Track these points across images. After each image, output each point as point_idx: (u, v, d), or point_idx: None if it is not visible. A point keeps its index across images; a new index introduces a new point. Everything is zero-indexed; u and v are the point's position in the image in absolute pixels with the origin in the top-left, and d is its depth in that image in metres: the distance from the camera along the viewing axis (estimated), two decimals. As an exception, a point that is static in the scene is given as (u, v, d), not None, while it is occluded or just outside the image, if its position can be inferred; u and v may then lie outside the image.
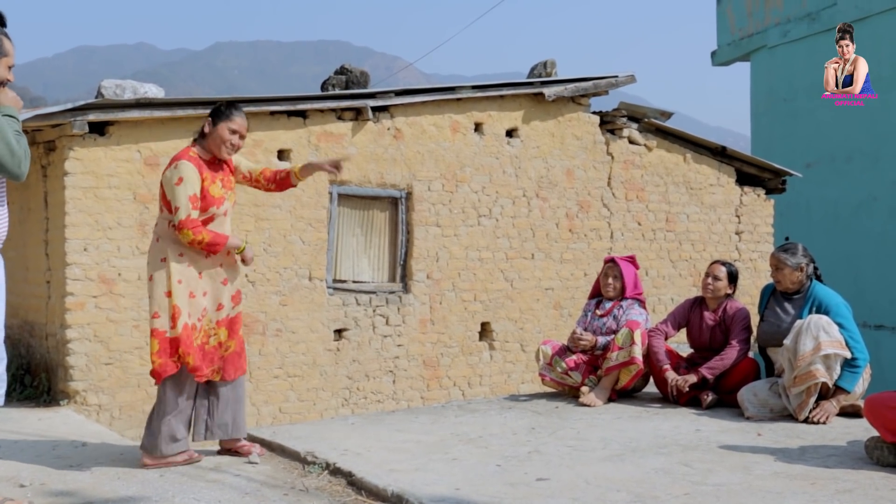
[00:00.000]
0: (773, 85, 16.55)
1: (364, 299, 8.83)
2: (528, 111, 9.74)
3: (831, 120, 15.18)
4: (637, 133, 10.43)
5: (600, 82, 10.03)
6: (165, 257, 4.58)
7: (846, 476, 4.04)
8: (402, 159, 9.00)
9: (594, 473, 4.14)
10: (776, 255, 5.67)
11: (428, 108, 9.16)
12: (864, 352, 5.33)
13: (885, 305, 13.76)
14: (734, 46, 17.54)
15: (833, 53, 15.44)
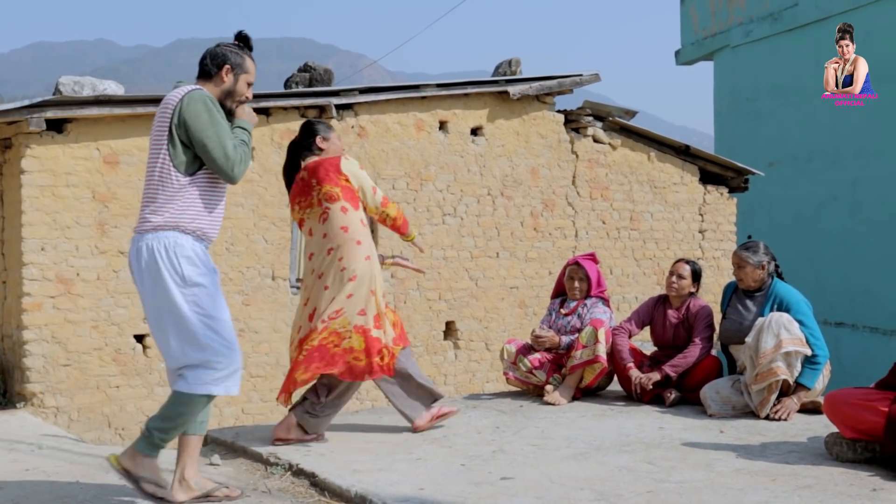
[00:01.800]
0: (736, 84, 16.71)
1: (328, 298, 8.78)
2: (492, 110, 9.74)
3: (793, 120, 15.35)
4: (601, 132, 10.47)
5: (565, 81, 10.06)
6: (369, 256, 4.83)
7: (806, 472, 4.07)
8: (367, 157, 8.96)
9: (558, 472, 4.13)
10: (738, 253, 5.70)
11: (392, 106, 9.13)
12: (824, 349, 5.38)
13: (844, 303, 13.94)
14: (698, 46, 17.68)
15: (794, 53, 15.66)
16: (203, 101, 3.70)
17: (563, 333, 6.19)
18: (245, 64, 3.89)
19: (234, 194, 8.31)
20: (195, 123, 3.66)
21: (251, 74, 3.92)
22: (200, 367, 3.69)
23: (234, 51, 3.89)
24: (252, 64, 3.94)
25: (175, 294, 3.66)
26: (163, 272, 3.66)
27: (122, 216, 7.79)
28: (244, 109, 3.94)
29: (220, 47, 3.90)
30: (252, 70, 3.93)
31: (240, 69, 3.87)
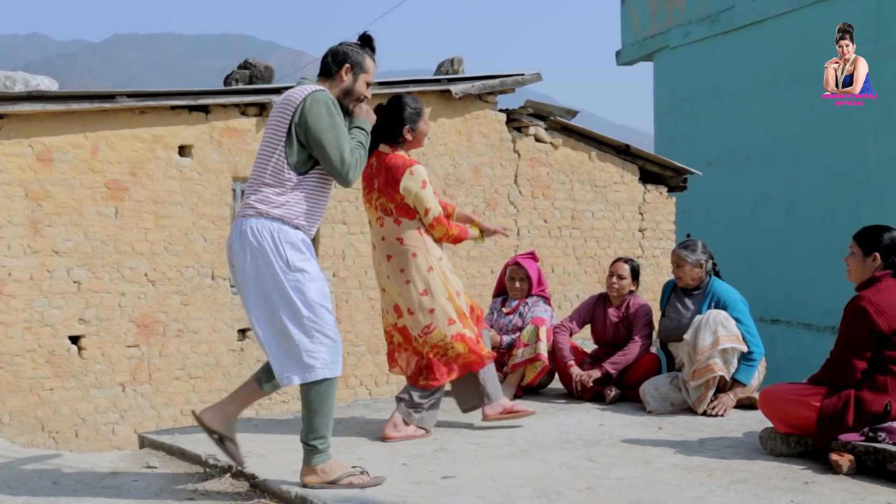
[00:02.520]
0: (675, 85, 16.95)
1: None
2: (435, 108, 9.74)
3: (731, 120, 15.63)
4: (543, 131, 10.53)
5: (507, 80, 10.10)
6: (431, 266, 4.77)
7: (742, 466, 4.14)
8: (308, 156, 8.90)
9: (499, 470, 4.15)
10: (677, 252, 5.78)
11: (334, 104, 9.07)
12: (759, 346, 5.48)
13: (780, 301, 14.24)
14: (638, 46, 17.90)
15: (731, 54, 15.93)
16: (325, 102, 3.76)
17: (504, 332, 6.21)
18: (365, 63, 3.95)
19: (172, 192, 8.19)
20: (316, 125, 3.71)
21: (370, 74, 3.99)
22: (315, 352, 3.73)
23: (356, 50, 3.96)
24: (372, 63, 3.99)
25: (280, 279, 3.70)
26: (269, 255, 3.70)
27: (56, 215, 7.63)
28: (362, 108, 3.99)
29: (342, 46, 3.98)
30: (372, 70, 3.99)
31: (359, 68, 3.94)
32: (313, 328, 3.73)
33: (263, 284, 3.73)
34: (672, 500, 3.62)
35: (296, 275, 3.72)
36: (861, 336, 4.12)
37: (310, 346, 3.72)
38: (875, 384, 4.09)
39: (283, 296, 3.71)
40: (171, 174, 8.20)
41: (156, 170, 8.12)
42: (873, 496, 3.66)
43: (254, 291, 3.77)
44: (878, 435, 3.98)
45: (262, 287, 3.73)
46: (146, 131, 8.07)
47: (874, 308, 4.12)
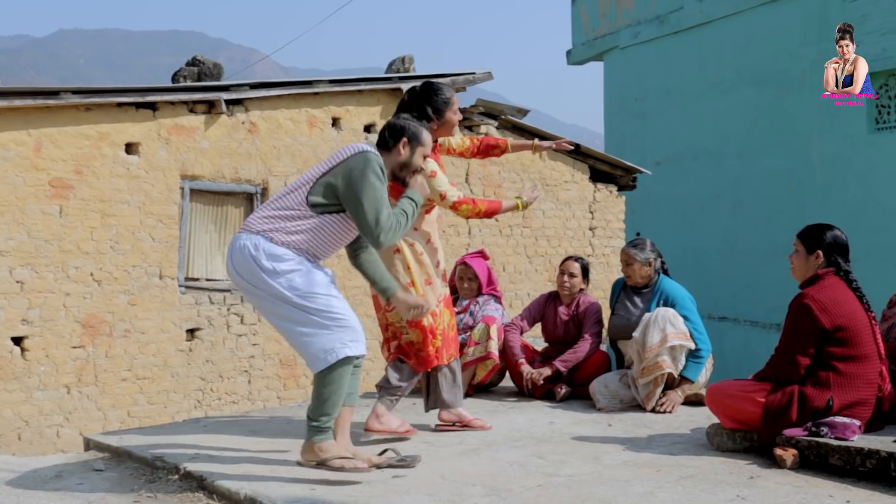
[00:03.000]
0: (625, 85, 17.10)
1: (218, 298, 8.61)
2: (386, 106, 9.72)
3: (679, 120, 15.82)
4: (495, 130, 10.56)
5: (458, 79, 10.11)
6: (398, 247, 4.63)
7: (689, 462, 4.19)
8: (258, 154, 8.82)
9: (450, 468, 4.15)
10: (626, 250, 5.83)
11: (284, 101, 9.01)
12: (707, 343, 5.55)
13: (727, 298, 14.44)
14: (588, 46, 18.02)
15: (680, 55, 16.11)
16: (375, 162, 3.83)
17: (455, 331, 6.21)
18: (422, 137, 4.05)
19: (119, 191, 8.07)
20: (358, 180, 3.78)
21: (428, 147, 4.08)
22: (323, 339, 3.79)
23: (413, 124, 4.06)
24: (429, 136, 4.10)
25: (272, 285, 3.80)
26: (254, 266, 3.82)
27: (-1, 213, 7.48)
28: (417, 180, 4.08)
29: (401, 119, 4.08)
30: (429, 143, 4.09)
31: (416, 142, 4.03)
32: (319, 317, 3.80)
33: (263, 297, 3.86)
34: (621, 497, 3.65)
35: (284, 276, 3.80)
36: (804, 333, 4.19)
37: (322, 334, 3.81)
38: (818, 380, 4.17)
39: (281, 299, 3.82)
40: (118, 172, 8.07)
41: (102, 167, 7.99)
42: (815, 489, 3.73)
43: (261, 304, 3.92)
44: (821, 430, 4.05)
45: (264, 299, 3.87)
46: (92, 128, 7.93)
47: (817, 305, 4.19)
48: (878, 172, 12.62)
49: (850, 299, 4.27)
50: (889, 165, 12.47)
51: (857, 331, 4.19)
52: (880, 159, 12.62)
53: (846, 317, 4.19)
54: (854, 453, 3.87)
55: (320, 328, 3.82)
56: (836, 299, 4.23)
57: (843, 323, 4.17)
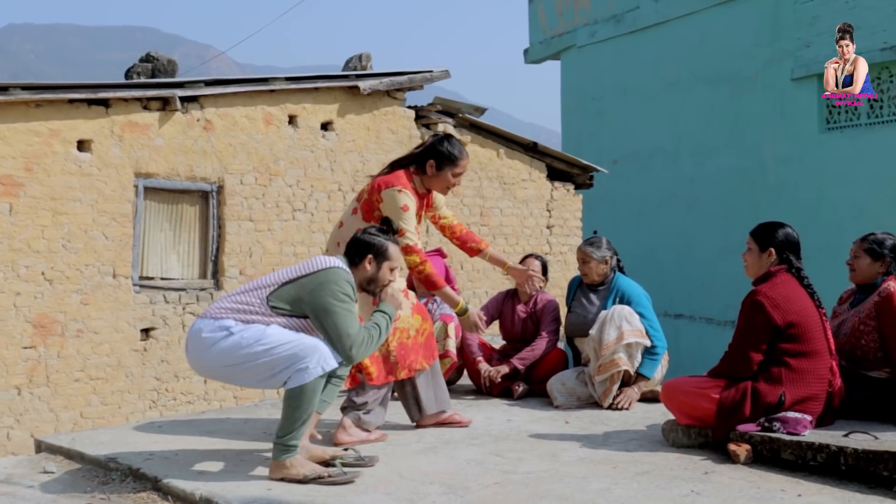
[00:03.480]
0: (582, 83, 17.19)
1: (173, 297, 8.51)
2: (343, 104, 9.68)
3: (636, 119, 15.95)
4: (452, 128, 10.57)
5: (415, 77, 10.10)
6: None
7: (645, 458, 4.23)
8: (213, 152, 8.73)
9: (408, 467, 4.14)
10: (583, 248, 5.87)
11: (240, 99, 8.93)
12: (662, 340, 5.60)
13: (683, 296, 14.59)
14: (545, 45, 18.10)
15: (636, 54, 16.24)
16: (344, 280, 3.93)
17: (413, 329, 6.20)
18: (388, 252, 4.13)
19: (71, 188, 7.94)
20: (328, 296, 3.87)
21: (394, 261, 4.15)
22: (288, 371, 3.85)
23: (378, 239, 4.12)
24: (397, 249, 4.19)
25: (222, 348, 3.88)
26: (204, 343, 3.92)
27: (-53, 211, 7.32)
28: (387, 293, 4.17)
29: (365, 235, 4.14)
30: (395, 257, 4.16)
31: (382, 258, 4.11)
32: (278, 350, 3.84)
33: (224, 367, 3.93)
34: (577, 493, 3.67)
35: (231, 337, 3.88)
36: (757, 329, 4.25)
37: (285, 362, 3.84)
38: (770, 376, 4.23)
39: (237, 357, 3.87)
40: (70, 169, 7.95)
41: (53, 165, 7.86)
42: (768, 484, 3.78)
43: (228, 375, 4.00)
44: (774, 425, 4.11)
45: (227, 367, 3.92)
46: (42, 125, 7.80)
47: (770, 302, 4.25)
48: (829, 172, 12.83)
49: (801, 296, 4.33)
50: (839, 165, 12.69)
51: (808, 327, 4.25)
52: (831, 159, 12.83)
53: (798, 313, 4.25)
54: (805, 448, 3.93)
55: (282, 359, 3.85)
56: (789, 296, 4.29)
57: (795, 319, 4.23)
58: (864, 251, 4.78)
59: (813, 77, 13.06)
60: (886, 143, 12.18)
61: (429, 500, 3.63)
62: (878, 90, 12.43)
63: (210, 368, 4.00)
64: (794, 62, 13.32)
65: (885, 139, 12.22)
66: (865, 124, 12.60)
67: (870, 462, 3.72)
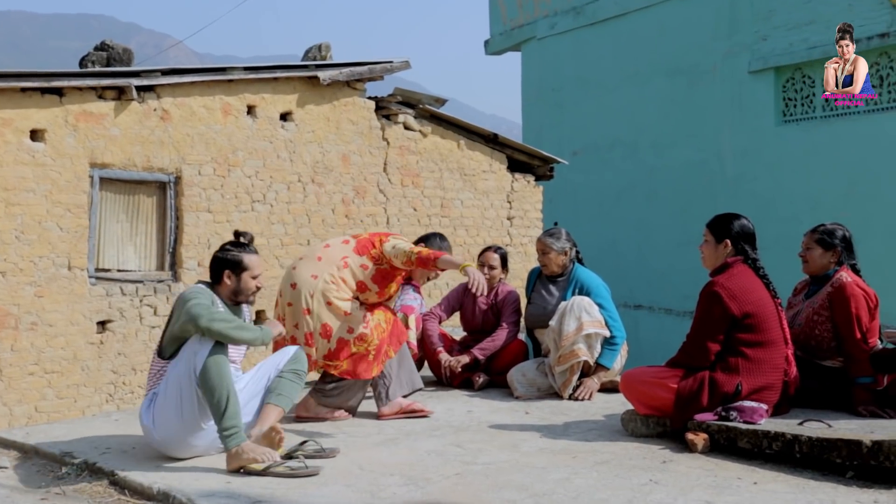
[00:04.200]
0: (543, 75, 17.24)
1: (130, 289, 8.40)
2: (302, 95, 9.61)
3: (596, 110, 16.02)
4: (412, 119, 10.54)
5: (375, 67, 10.04)
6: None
7: (604, 448, 4.26)
8: (171, 142, 8.62)
9: (368, 459, 4.13)
10: (542, 239, 5.89)
11: (197, 88, 8.82)
12: (621, 330, 5.64)
13: (643, 287, 14.71)
14: (506, 36, 18.11)
15: (596, 46, 16.31)
16: (193, 291, 4.16)
17: (374, 320, 6.19)
18: (244, 262, 4.27)
19: (24, 179, 7.80)
20: (180, 306, 4.09)
21: (254, 269, 4.29)
22: (190, 375, 4.03)
23: (232, 253, 4.28)
24: (252, 258, 4.30)
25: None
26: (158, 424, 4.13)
27: None
28: (272, 322, 4.45)
29: (219, 252, 4.30)
30: (253, 264, 4.29)
31: (239, 269, 4.26)
32: (178, 385, 4.05)
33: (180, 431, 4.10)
34: (537, 484, 3.69)
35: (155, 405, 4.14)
36: (714, 319, 4.30)
37: (184, 380, 4.04)
38: (727, 365, 4.28)
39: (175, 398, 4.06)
40: (23, 160, 7.80)
41: (5, 155, 7.71)
42: (725, 472, 3.82)
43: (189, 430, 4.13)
44: (731, 414, 4.16)
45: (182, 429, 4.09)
46: (-3, 115, 7.65)
47: (727, 293, 4.30)
48: (786, 164, 12.99)
49: (758, 287, 4.38)
50: (796, 157, 12.86)
51: (764, 317, 4.31)
52: (787, 151, 13.00)
53: (754, 304, 4.31)
54: (761, 436, 3.98)
55: (183, 372, 4.04)
56: (745, 287, 4.34)
57: (752, 310, 4.28)
58: (816, 242, 4.85)
59: (770, 70, 13.21)
60: (841, 136, 12.36)
61: (389, 492, 3.63)
62: (833, 83, 12.59)
63: (183, 436, 4.11)
64: (751, 55, 13.46)
65: (839, 132, 12.40)
66: (821, 117, 12.77)
67: (823, 450, 3.78)
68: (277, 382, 4.24)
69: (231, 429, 3.93)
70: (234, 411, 3.95)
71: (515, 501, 3.47)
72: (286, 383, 4.24)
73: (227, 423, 3.93)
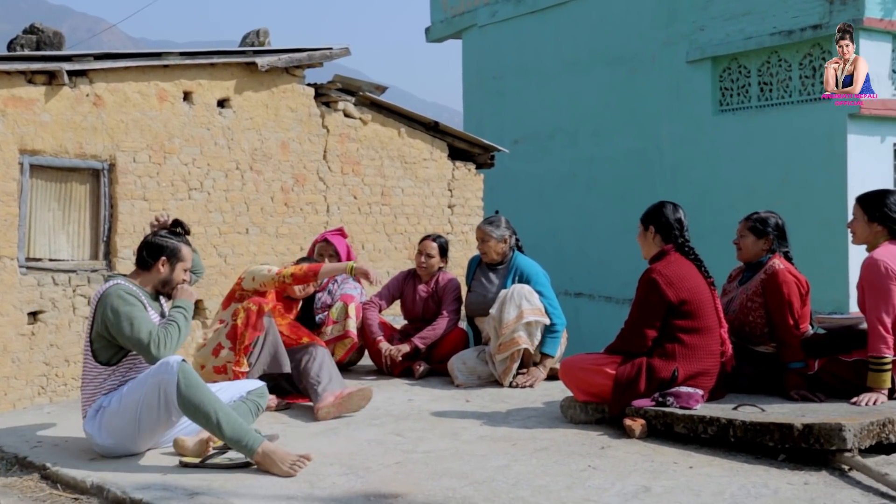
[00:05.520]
0: (484, 63, 17.25)
1: (62, 279, 8.21)
2: (240, 81, 9.47)
3: (536, 99, 16.09)
4: (352, 106, 10.46)
5: (314, 54, 9.94)
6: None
7: (544, 435, 4.29)
8: (104, 128, 8.44)
9: (307, 449, 4.09)
10: (482, 227, 5.89)
11: (132, 74, 8.64)
12: (561, 318, 5.67)
13: (583, 274, 14.85)
14: (447, 24, 18.08)
15: (536, 34, 16.36)
16: (119, 293, 3.97)
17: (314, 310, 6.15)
18: (181, 252, 4.17)
19: (-50, 166, 7.58)
20: (114, 316, 3.92)
21: (188, 261, 4.20)
22: (164, 393, 3.90)
23: (170, 240, 4.17)
24: (188, 250, 4.22)
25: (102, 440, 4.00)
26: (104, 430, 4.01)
27: None
28: (183, 290, 4.19)
29: (157, 238, 4.17)
30: (188, 257, 4.21)
31: (175, 259, 4.15)
32: (141, 402, 3.93)
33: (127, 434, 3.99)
34: (477, 471, 3.69)
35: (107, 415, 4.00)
36: (652, 306, 4.35)
37: (154, 399, 3.92)
38: (664, 351, 4.33)
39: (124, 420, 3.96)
40: (-51, 146, 7.57)
41: (-69, 141, 7.48)
42: (662, 457, 3.87)
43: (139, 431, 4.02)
44: (668, 400, 4.21)
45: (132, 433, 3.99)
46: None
47: (664, 280, 4.35)
48: (723, 153, 13.20)
49: (693, 273, 4.45)
50: (732, 146, 13.07)
51: (700, 304, 4.38)
52: (724, 140, 13.21)
53: (690, 290, 4.37)
54: (697, 421, 4.04)
55: (151, 392, 3.90)
56: (682, 274, 4.40)
57: (688, 297, 4.35)
58: (749, 230, 4.93)
59: (707, 60, 13.40)
60: (775, 126, 12.59)
61: (328, 482, 3.60)
62: (768, 73, 12.83)
63: (135, 444, 4.02)
64: (689, 45, 13.63)
65: (774, 121, 12.64)
66: (756, 107, 13.00)
67: (757, 433, 3.85)
68: (238, 405, 4.11)
69: (247, 444, 3.76)
70: (229, 422, 3.80)
71: (455, 489, 3.47)
72: (245, 409, 4.12)
73: (243, 441, 3.77)
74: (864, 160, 11.82)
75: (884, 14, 11.45)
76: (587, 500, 3.33)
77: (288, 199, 9.87)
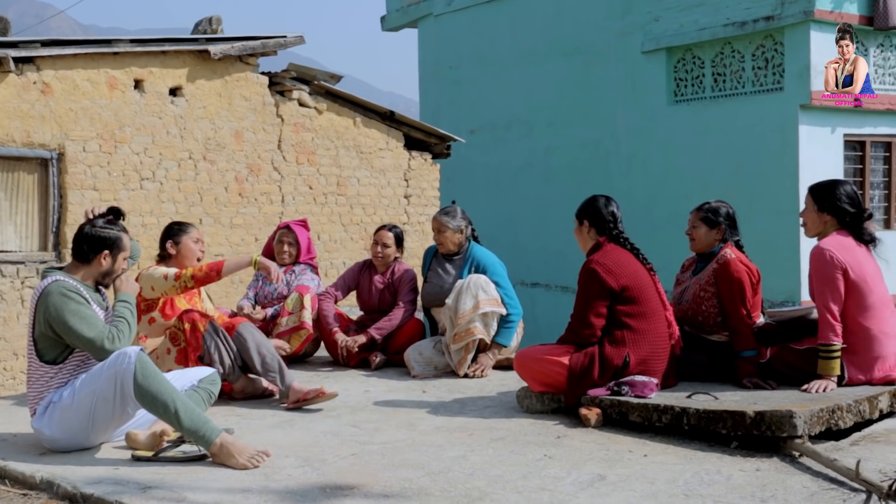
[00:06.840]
0: (440, 53, 17.20)
1: (10, 270, 8.05)
2: (192, 69, 9.34)
3: (493, 89, 16.09)
4: (307, 96, 10.38)
5: (269, 42, 9.84)
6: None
7: (500, 425, 4.29)
8: (52, 117, 8.27)
9: (263, 441, 4.06)
10: (438, 218, 5.88)
11: (81, 61, 8.48)
12: (518, 308, 5.69)
13: (540, 265, 14.91)
14: (402, 13, 17.99)
15: (493, 24, 16.35)
16: (61, 290, 3.87)
17: (269, 300, 6.10)
18: (122, 242, 4.06)
19: None
20: (58, 316, 3.83)
21: (128, 250, 4.11)
22: (120, 386, 3.82)
23: (111, 232, 4.04)
24: (127, 238, 4.11)
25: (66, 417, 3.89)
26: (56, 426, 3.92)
27: None
28: (122, 282, 4.09)
29: (95, 229, 4.02)
30: (128, 246, 4.10)
31: (117, 250, 4.04)
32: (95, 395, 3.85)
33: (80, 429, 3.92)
34: (434, 462, 3.69)
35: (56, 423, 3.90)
36: (595, 294, 4.40)
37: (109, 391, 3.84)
38: (614, 339, 4.38)
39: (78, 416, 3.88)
40: None
41: None
42: (617, 445, 3.90)
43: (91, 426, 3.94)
44: (622, 388, 4.24)
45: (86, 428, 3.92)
46: None
47: (603, 268, 4.41)
48: (677, 143, 13.32)
49: (631, 261, 4.52)
50: (686, 137, 13.19)
51: (641, 289, 4.43)
52: (678, 130, 13.32)
53: (630, 276, 4.43)
54: (651, 410, 4.08)
55: (107, 385, 3.83)
56: (619, 261, 4.47)
57: (628, 283, 4.40)
58: (701, 220, 4.97)
59: (662, 51, 13.49)
60: (728, 116, 12.73)
61: (284, 474, 3.57)
62: (721, 64, 12.96)
63: (87, 439, 3.95)
64: (644, 35, 13.72)
65: (727, 112, 12.78)
66: (710, 97, 13.13)
67: (710, 421, 3.89)
68: (191, 394, 4.04)
69: (204, 434, 3.70)
70: (187, 412, 3.74)
71: (411, 480, 3.46)
72: (198, 398, 4.05)
73: (199, 432, 3.70)
74: (815, 151, 12.00)
75: (834, 6, 11.61)
76: (543, 489, 3.34)
77: (242, 190, 9.77)
